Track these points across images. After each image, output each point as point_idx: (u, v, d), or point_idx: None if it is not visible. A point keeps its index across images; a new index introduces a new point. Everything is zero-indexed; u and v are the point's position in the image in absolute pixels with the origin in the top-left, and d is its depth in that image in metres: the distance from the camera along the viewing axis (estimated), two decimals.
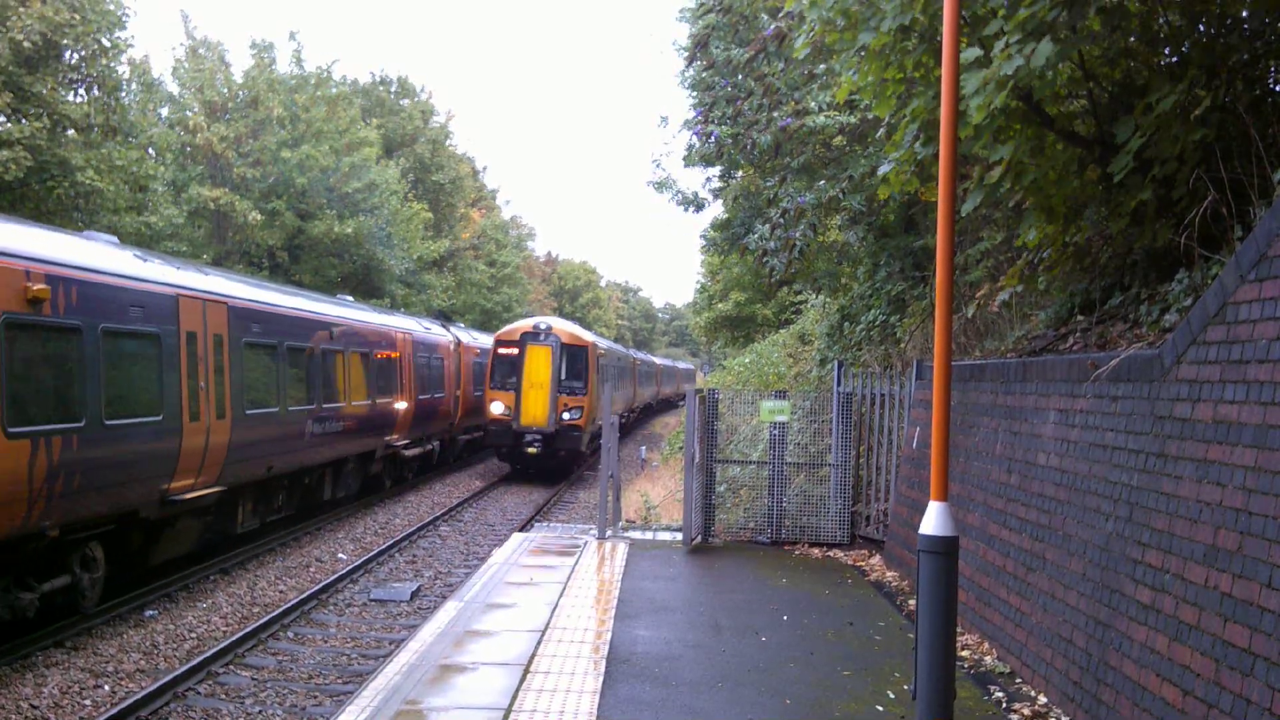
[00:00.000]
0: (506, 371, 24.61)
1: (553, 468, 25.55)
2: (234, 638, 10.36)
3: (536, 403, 24.02)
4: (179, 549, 12.98)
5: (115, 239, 12.74)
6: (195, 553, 13.66)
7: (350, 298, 23.51)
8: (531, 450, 24.07)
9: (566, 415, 24.29)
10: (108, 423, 10.51)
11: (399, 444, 22.00)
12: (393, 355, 21.60)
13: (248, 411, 14.08)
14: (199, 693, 9.04)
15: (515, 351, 24.43)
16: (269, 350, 15.13)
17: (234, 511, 14.39)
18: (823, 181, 13.33)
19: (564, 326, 25.97)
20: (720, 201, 19.18)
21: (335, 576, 13.29)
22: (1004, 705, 6.69)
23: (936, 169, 5.92)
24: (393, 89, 48.92)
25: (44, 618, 10.33)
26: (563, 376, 24.43)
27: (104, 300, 10.62)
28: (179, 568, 13.28)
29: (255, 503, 15.18)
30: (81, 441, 10.03)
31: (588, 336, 26.82)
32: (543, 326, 24.90)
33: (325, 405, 17.17)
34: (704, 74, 15.29)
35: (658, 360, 63.94)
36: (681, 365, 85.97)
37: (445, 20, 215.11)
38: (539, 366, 24.18)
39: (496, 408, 24.36)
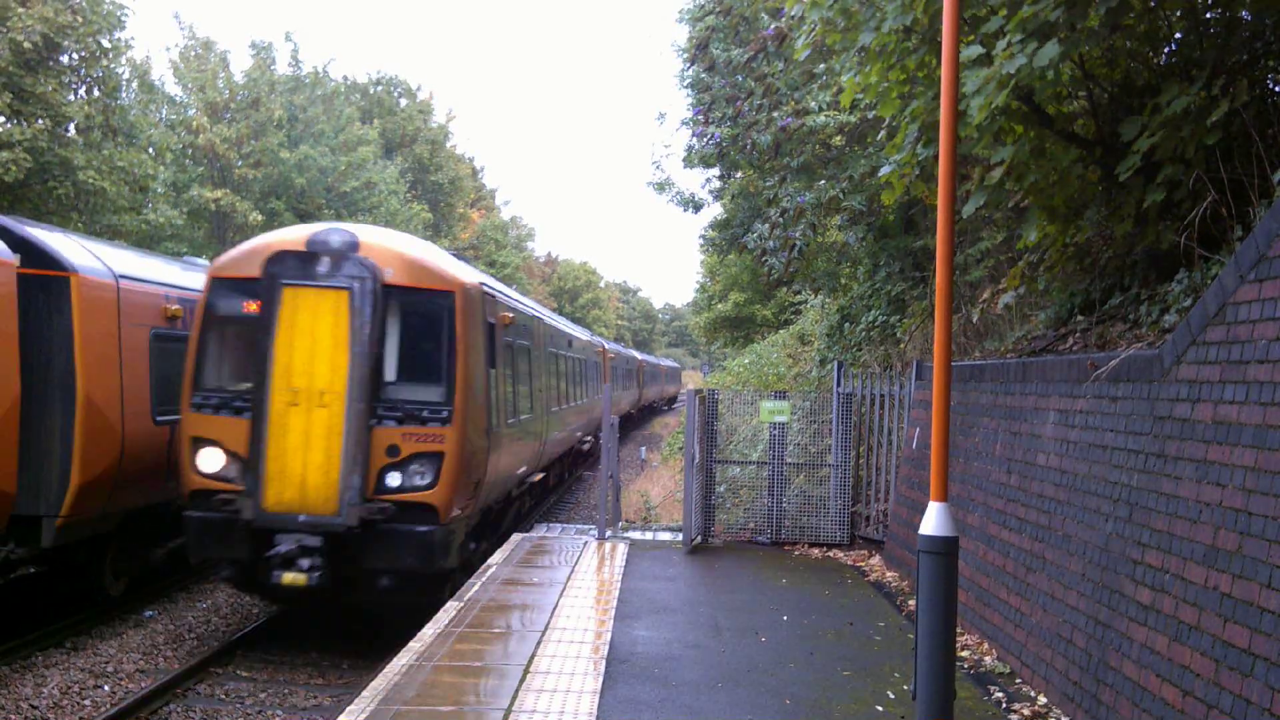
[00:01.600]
0: (232, 361, 10.57)
1: (365, 619, 11.24)
2: (234, 637, 10.36)
3: (303, 450, 9.80)
4: None
5: (208, 263, 14.84)
6: None
7: None
8: (293, 579, 9.57)
9: (395, 478, 9.97)
10: None
11: None
12: None
13: None
14: (199, 693, 9.04)
15: (254, 306, 10.18)
16: None
17: None
18: (822, 181, 13.35)
19: (387, 242, 10.71)
20: (719, 202, 19.20)
21: None
22: (1004, 705, 6.69)
23: (937, 170, 5.92)
24: (396, 90, 48.86)
25: (168, 571, 12.41)
26: (390, 373, 10.26)
27: None
28: None
29: None
30: None
31: (458, 272, 11.31)
32: (332, 241, 10.16)
33: None
34: (704, 74, 15.31)
35: (639, 356, 49.88)
36: (666, 362, 72.10)
37: (445, 20, 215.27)
38: (313, 344, 9.92)
39: (205, 461, 10.08)
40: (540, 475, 17.49)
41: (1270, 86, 6.97)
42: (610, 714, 6.35)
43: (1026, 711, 6.53)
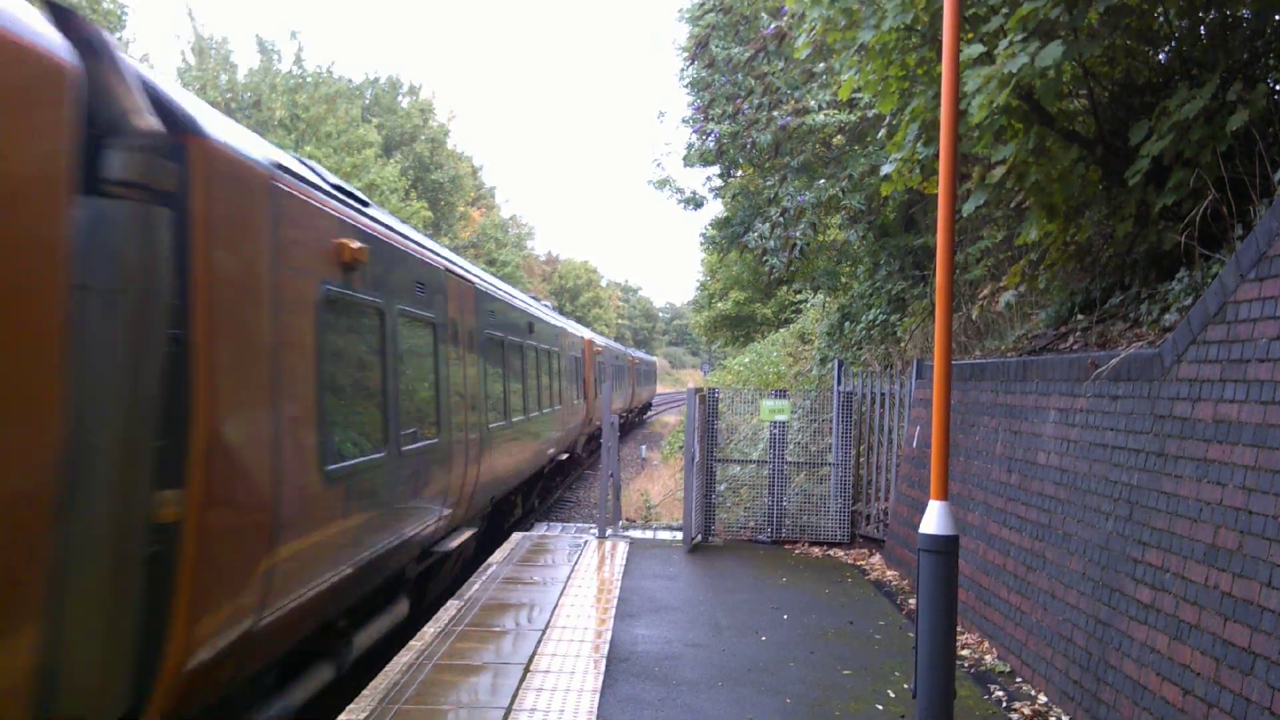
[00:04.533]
0: None
1: None
2: None
3: None
4: None
5: None
6: None
7: None
8: None
9: None
10: None
11: None
12: None
13: None
14: None
15: None
16: None
17: None
18: (822, 180, 13.34)
19: None
20: (720, 200, 19.20)
21: None
22: (1004, 704, 6.69)
23: (938, 167, 5.92)
24: (401, 91, 48.84)
25: None
26: None
27: None
28: None
29: None
30: None
31: None
32: None
33: None
34: (704, 72, 15.31)
35: (598, 340, 30.39)
36: (639, 354, 54.42)
37: (446, 20, 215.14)
38: None
39: None
40: None
41: (1271, 85, 6.96)
42: (610, 713, 6.35)
43: (1027, 710, 6.53)
